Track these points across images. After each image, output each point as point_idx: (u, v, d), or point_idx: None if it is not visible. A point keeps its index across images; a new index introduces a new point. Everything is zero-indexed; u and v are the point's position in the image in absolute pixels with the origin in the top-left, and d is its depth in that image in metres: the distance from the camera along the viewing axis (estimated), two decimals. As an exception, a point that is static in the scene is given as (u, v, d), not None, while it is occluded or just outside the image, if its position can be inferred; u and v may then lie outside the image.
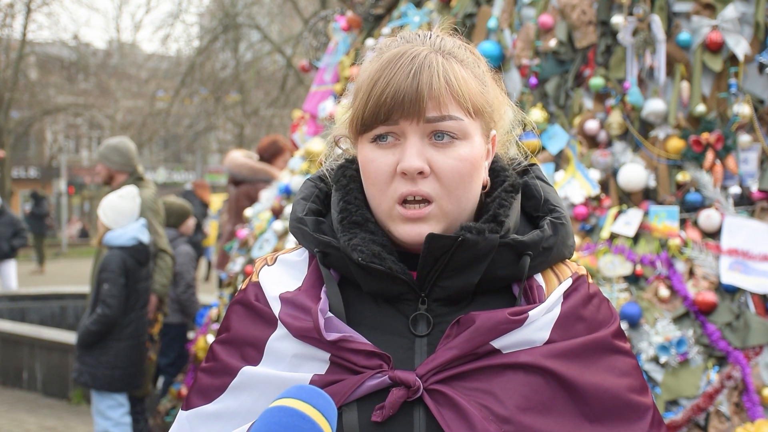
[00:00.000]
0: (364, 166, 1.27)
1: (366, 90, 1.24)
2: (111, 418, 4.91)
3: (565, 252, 1.34)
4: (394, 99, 1.20)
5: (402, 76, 1.21)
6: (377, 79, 1.23)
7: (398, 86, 1.20)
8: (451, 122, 1.22)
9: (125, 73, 28.47)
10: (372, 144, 1.25)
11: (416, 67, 1.21)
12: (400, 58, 1.23)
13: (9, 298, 10.20)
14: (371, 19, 5.65)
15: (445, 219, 1.24)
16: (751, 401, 3.26)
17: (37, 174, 34.36)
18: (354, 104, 1.27)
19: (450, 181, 1.22)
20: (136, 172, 5.78)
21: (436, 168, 1.22)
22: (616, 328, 1.31)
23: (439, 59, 1.23)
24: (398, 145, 1.23)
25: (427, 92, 1.20)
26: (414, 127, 1.22)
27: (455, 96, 1.22)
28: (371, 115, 1.22)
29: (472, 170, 1.25)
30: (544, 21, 4.34)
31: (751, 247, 3.56)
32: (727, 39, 3.84)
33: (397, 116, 1.21)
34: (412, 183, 1.22)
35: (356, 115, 1.25)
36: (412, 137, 1.22)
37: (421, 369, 1.20)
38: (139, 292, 5.04)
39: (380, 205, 1.26)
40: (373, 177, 1.25)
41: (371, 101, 1.22)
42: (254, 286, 1.33)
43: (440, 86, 1.21)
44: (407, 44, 1.26)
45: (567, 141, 4.19)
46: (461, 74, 1.24)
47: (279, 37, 25.16)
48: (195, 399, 1.30)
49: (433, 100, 1.21)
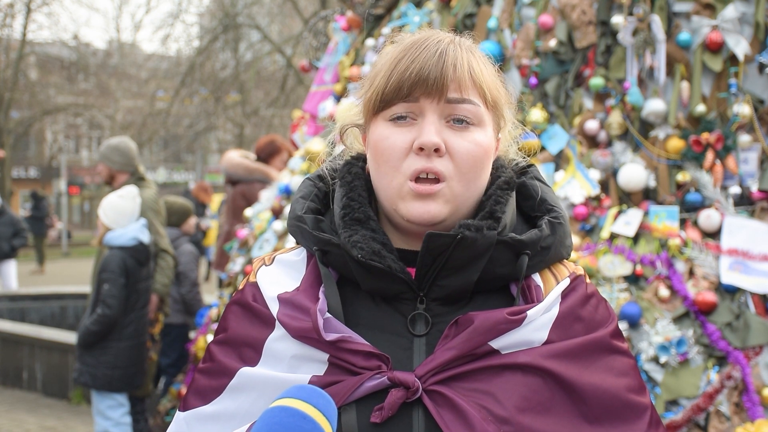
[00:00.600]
0: (377, 144, 1.27)
1: (389, 68, 1.26)
2: (111, 418, 4.91)
3: (563, 252, 1.34)
4: (419, 74, 1.23)
5: (428, 54, 1.24)
6: (401, 58, 1.26)
7: (424, 63, 1.24)
8: (470, 106, 1.25)
9: (125, 73, 28.47)
10: (388, 122, 1.26)
11: (442, 49, 1.25)
12: (425, 41, 1.27)
13: (9, 298, 10.20)
14: (371, 19, 5.65)
15: (453, 201, 1.25)
16: (751, 401, 3.26)
17: (37, 174, 34.38)
18: (372, 85, 1.29)
19: (464, 163, 1.24)
20: (138, 172, 5.78)
21: (452, 148, 1.24)
22: (614, 328, 1.31)
23: (462, 47, 1.28)
24: (415, 125, 1.25)
25: (451, 73, 1.23)
26: (434, 106, 1.24)
27: (476, 82, 1.26)
28: (393, 90, 1.24)
29: (485, 157, 1.27)
30: (544, 21, 4.34)
31: (751, 247, 3.56)
32: (727, 39, 3.84)
33: (419, 93, 1.24)
34: (428, 159, 1.23)
35: (376, 91, 1.27)
36: (431, 116, 1.24)
37: (420, 370, 1.20)
38: (140, 292, 5.04)
39: (391, 182, 1.26)
40: (387, 153, 1.25)
41: (394, 76, 1.25)
42: (252, 286, 1.33)
43: (464, 70, 1.25)
44: (429, 32, 1.30)
45: (567, 141, 4.19)
46: (482, 65, 1.28)
47: (279, 37, 25.16)
48: (192, 400, 1.30)
49: (455, 82, 1.24)
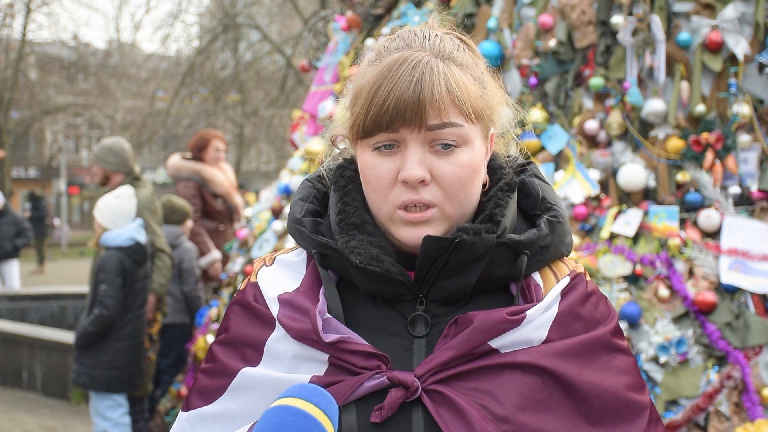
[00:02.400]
0: (364, 171, 1.26)
1: (367, 97, 1.23)
2: (110, 418, 4.91)
3: (563, 250, 1.34)
4: (396, 109, 1.20)
5: (404, 85, 1.20)
6: (378, 87, 1.22)
7: (400, 95, 1.20)
8: (452, 129, 1.22)
9: (125, 73, 28.44)
10: (373, 151, 1.25)
11: (417, 76, 1.21)
12: (401, 66, 1.22)
13: (9, 298, 10.20)
14: (371, 19, 5.65)
15: (447, 221, 1.24)
16: (751, 401, 3.27)
17: (37, 174, 34.36)
18: (354, 109, 1.26)
19: (451, 188, 1.22)
20: (133, 172, 5.75)
21: (437, 175, 1.22)
22: (615, 326, 1.31)
23: (439, 65, 1.22)
24: (399, 152, 1.23)
25: (429, 101, 1.20)
26: (415, 135, 1.21)
27: (456, 102, 1.22)
28: (372, 123, 1.22)
29: (473, 175, 1.25)
30: (543, 21, 4.34)
31: (750, 247, 3.56)
32: (726, 39, 3.84)
33: (399, 125, 1.21)
34: (414, 191, 1.22)
35: (357, 122, 1.25)
36: (413, 145, 1.22)
37: (420, 369, 1.20)
38: (137, 292, 5.03)
39: (381, 209, 1.26)
40: (373, 183, 1.25)
41: (372, 110, 1.22)
42: (253, 286, 1.33)
43: (441, 94, 1.20)
44: (408, 49, 1.25)
45: (567, 141, 4.19)
46: (462, 80, 1.24)
47: (279, 37, 25.15)
48: (195, 400, 1.30)
49: (434, 108, 1.20)
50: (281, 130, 24.20)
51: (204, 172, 6.80)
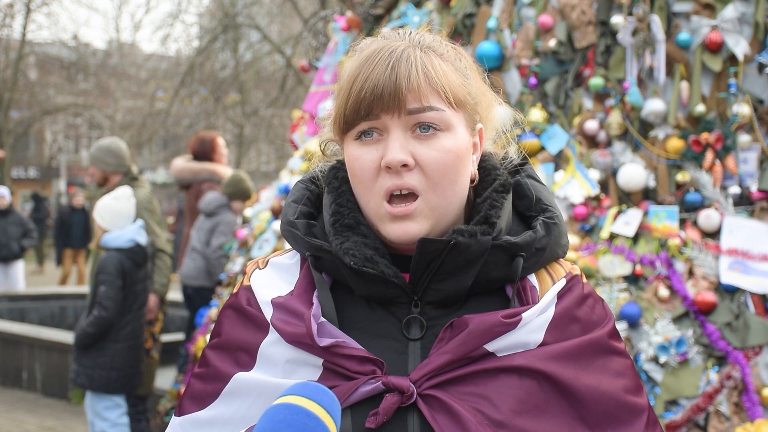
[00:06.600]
0: (350, 165, 1.26)
1: (346, 88, 1.24)
2: (108, 418, 4.91)
3: (559, 252, 1.33)
4: (374, 93, 1.20)
5: (380, 70, 1.21)
6: (356, 76, 1.23)
7: (377, 80, 1.20)
8: (433, 113, 1.22)
9: (125, 73, 28.44)
10: (356, 142, 1.25)
11: (394, 61, 1.21)
12: (377, 54, 1.23)
13: (9, 298, 10.21)
14: (371, 19, 5.64)
15: (431, 214, 1.23)
16: (751, 401, 3.26)
17: (37, 174, 34.34)
18: (336, 103, 1.27)
19: (435, 173, 1.22)
20: (130, 173, 5.74)
21: (421, 160, 1.22)
22: (611, 328, 1.30)
23: (417, 53, 1.23)
24: (382, 141, 1.23)
25: (405, 84, 1.20)
26: (396, 120, 1.21)
27: (434, 87, 1.22)
28: (352, 112, 1.22)
29: (458, 162, 1.24)
30: (543, 21, 4.33)
31: (750, 247, 3.55)
32: (726, 39, 3.83)
33: (378, 110, 1.21)
34: (398, 176, 1.21)
35: (338, 113, 1.26)
36: (395, 131, 1.22)
37: (415, 374, 1.19)
38: (137, 293, 5.03)
39: (368, 203, 1.25)
40: (359, 174, 1.24)
41: (351, 98, 1.22)
42: (246, 290, 1.32)
43: (419, 78, 1.21)
44: (385, 41, 1.26)
45: (567, 141, 4.18)
46: (440, 66, 1.24)
47: (279, 37, 25.14)
48: (188, 405, 1.29)
49: (412, 92, 1.20)
50: (281, 130, 24.19)
51: (220, 172, 6.82)
